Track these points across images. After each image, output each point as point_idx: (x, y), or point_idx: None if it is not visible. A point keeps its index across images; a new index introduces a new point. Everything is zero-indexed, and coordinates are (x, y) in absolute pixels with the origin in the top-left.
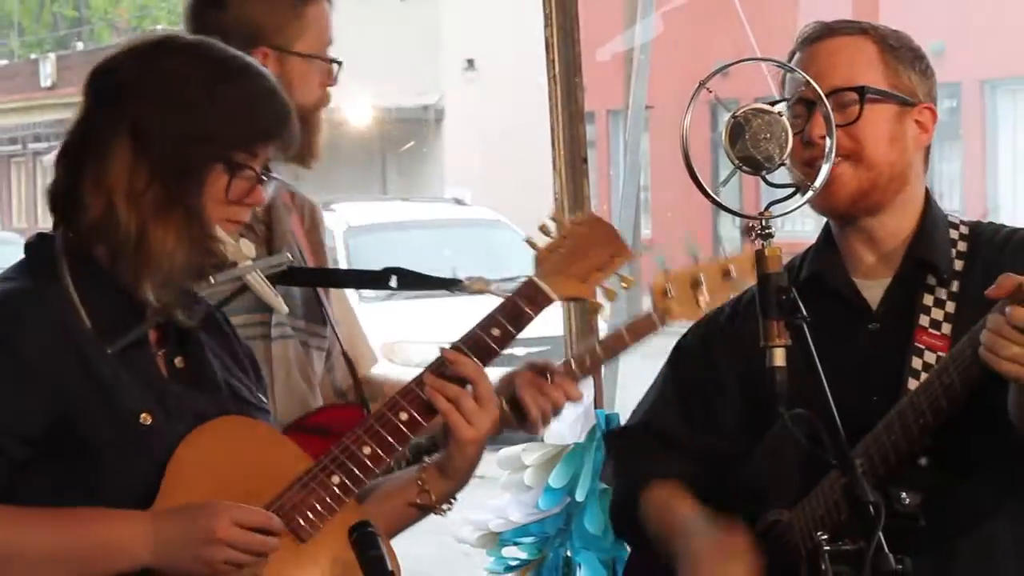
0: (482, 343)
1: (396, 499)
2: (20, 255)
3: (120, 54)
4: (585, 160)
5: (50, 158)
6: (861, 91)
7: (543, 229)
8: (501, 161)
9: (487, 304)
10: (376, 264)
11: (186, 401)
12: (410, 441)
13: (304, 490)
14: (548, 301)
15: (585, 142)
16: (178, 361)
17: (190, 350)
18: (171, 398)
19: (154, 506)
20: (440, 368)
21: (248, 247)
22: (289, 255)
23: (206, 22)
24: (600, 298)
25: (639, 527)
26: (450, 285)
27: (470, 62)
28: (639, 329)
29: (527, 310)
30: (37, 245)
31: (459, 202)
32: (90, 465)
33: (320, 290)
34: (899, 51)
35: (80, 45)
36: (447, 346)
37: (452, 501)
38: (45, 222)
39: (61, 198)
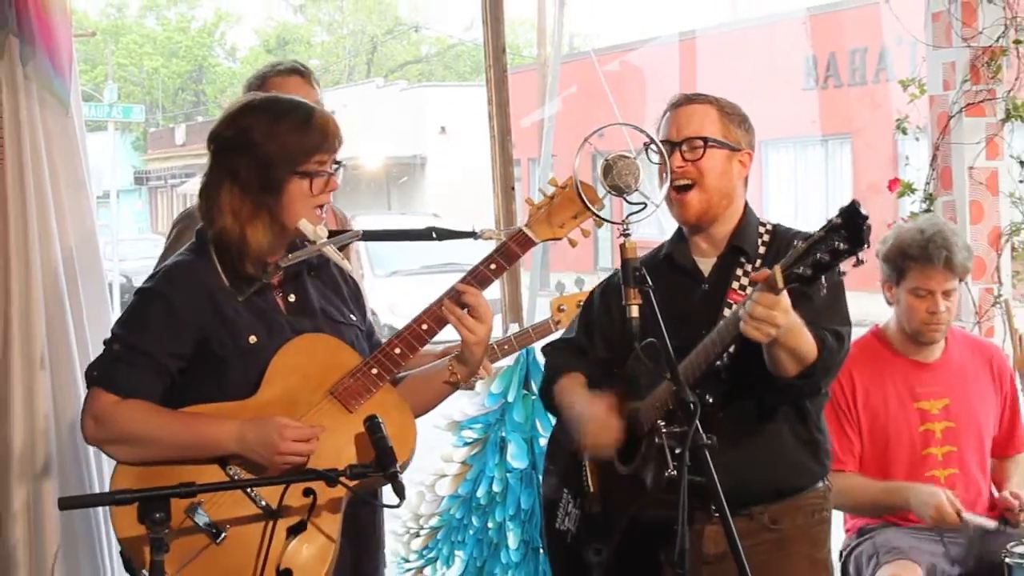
0: (483, 274)
1: (435, 380)
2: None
3: (218, 124)
4: (513, 188)
5: (182, 188)
6: (705, 140)
7: (542, 191)
8: (461, 190)
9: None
10: (385, 253)
11: (289, 324)
12: (426, 342)
13: (353, 378)
14: (531, 244)
15: (513, 178)
16: (291, 297)
17: (298, 290)
18: (275, 324)
19: (257, 394)
20: (452, 295)
21: (323, 230)
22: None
23: None
24: (579, 236)
25: (553, 404)
26: (471, 235)
27: (443, 128)
28: (540, 330)
29: (516, 250)
30: (200, 233)
31: (435, 216)
32: (220, 370)
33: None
34: (732, 115)
35: (200, 118)
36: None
37: (473, 380)
38: None
39: (205, 215)
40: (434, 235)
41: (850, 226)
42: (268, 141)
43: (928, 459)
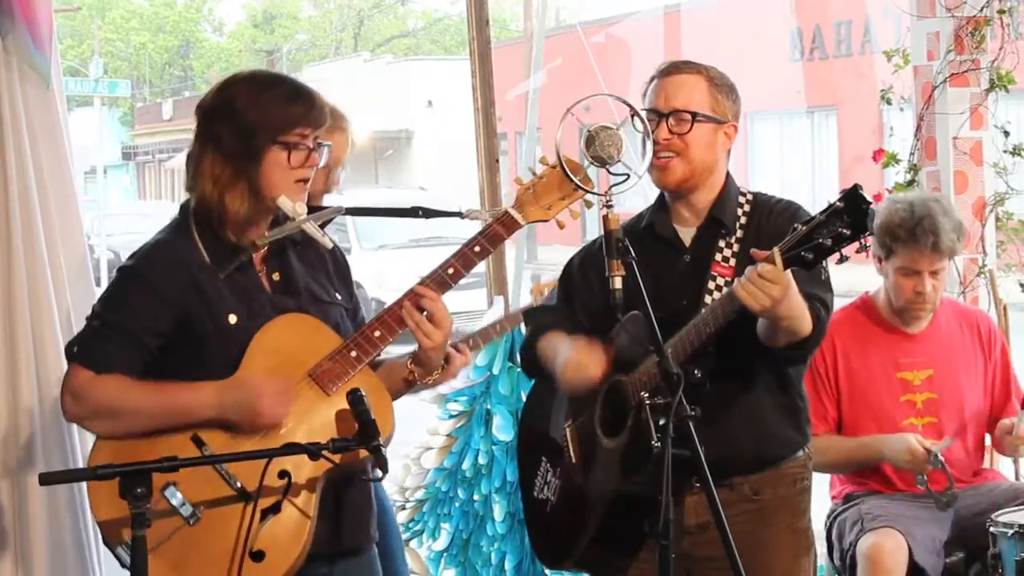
0: (466, 255)
1: (396, 375)
2: (154, 223)
3: (206, 95)
4: (498, 160)
5: (170, 163)
6: (693, 115)
7: (531, 170)
8: (447, 163)
9: (444, 255)
10: (373, 227)
11: (272, 304)
12: (405, 328)
13: (332, 360)
14: (517, 225)
15: (498, 150)
16: (275, 275)
17: (283, 267)
18: (256, 303)
19: (236, 372)
20: (412, 297)
21: (301, 207)
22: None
23: None
24: (566, 217)
25: (536, 363)
26: (457, 215)
27: (429, 102)
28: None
29: (501, 232)
30: (183, 208)
31: (422, 189)
32: (200, 349)
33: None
34: (720, 86)
35: (187, 93)
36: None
37: (431, 379)
38: (169, 199)
39: (188, 184)
40: (420, 213)
41: (853, 211)
42: (251, 108)
43: (907, 429)
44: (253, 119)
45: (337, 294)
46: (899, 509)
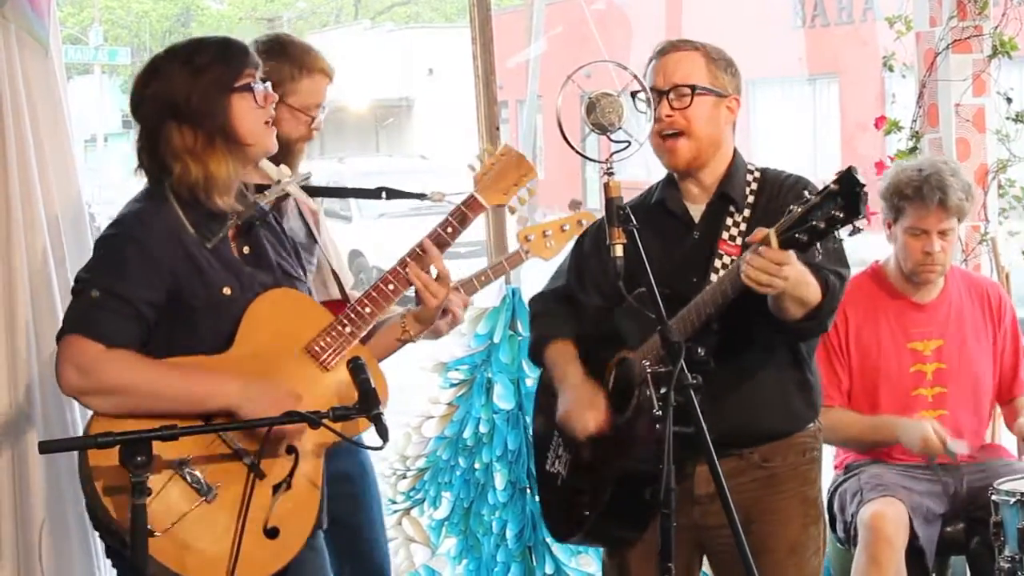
0: (441, 237)
1: (389, 336)
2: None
3: (136, 88)
4: (498, 128)
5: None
6: (692, 88)
7: (479, 158)
8: (447, 131)
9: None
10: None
11: (255, 277)
12: (393, 301)
13: (328, 335)
14: (482, 208)
15: (498, 118)
16: (245, 249)
17: (253, 241)
18: (244, 276)
19: (232, 348)
20: (415, 256)
21: (286, 170)
22: (311, 172)
23: None
24: (515, 203)
25: (543, 367)
26: (420, 197)
27: (430, 69)
28: (512, 261)
29: (469, 214)
30: (154, 184)
31: (423, 157)
32: (192, 322)
33: (312, 226)
34: (718, 61)
35: None
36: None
37: (421, 337)
38: None
39: (159, 167)
40: (384, 195)
41: (847, 193)
42: (195, 73)
43: (918, 400)
44: (204, 80)
45: (300, 270)
46: (898, 479)
